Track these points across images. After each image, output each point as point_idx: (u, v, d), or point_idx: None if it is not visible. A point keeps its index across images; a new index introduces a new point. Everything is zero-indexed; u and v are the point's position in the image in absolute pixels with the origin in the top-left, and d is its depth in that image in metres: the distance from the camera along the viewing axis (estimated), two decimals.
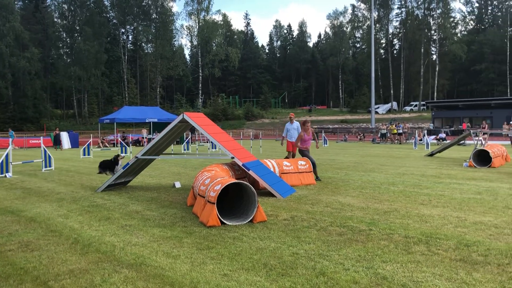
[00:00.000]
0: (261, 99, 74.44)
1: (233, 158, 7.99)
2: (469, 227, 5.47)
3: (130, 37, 70.69)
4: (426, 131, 33.08)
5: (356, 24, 77.28)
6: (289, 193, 8.11)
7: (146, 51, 69.84)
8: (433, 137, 31.87)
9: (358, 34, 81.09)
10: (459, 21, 74.56)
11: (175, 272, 3.94)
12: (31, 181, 11.01)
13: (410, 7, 69.47)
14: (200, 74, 67.79)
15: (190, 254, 4.48)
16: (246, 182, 6.16)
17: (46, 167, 13.65)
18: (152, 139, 15.75)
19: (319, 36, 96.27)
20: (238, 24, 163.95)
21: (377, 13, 70.42)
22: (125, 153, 20.14)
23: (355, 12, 75.91)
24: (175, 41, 74.73)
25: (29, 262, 4.30)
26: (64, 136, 29.65)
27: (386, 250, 4.54)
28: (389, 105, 68.32)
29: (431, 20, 68.85)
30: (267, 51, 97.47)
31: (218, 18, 79.15)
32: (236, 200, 6.61)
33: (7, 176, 11.88)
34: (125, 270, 4.03)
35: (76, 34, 60.71)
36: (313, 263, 4.14)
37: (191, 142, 28.57)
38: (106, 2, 66.94)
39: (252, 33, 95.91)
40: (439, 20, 67.21)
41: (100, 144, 29.61)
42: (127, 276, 3.87)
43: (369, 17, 67.50)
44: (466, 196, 7.82)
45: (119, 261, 4.28)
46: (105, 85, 62.08)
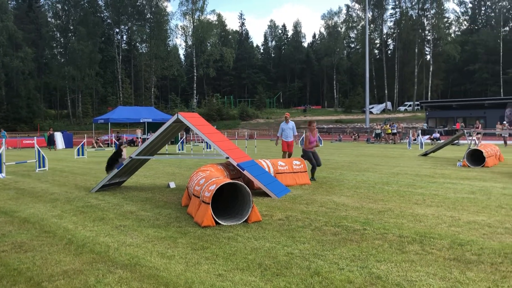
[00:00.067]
0: (255, 99, 74.37)
1: (227, 158, 7.98)
2: (462, 226, 5.51)
3: (125, 37, 70.50)
4: (420, 131, 33.24)
5: (350, 25, 77.46)
6: (283, 193, 8.12)
7: (141, 51, 69.63)
8: (427, 137, 32.02)
9: (352, 34, 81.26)
10: (453, 22, 75.00)
11: (170, 273, 3.93)
12: (24, 181, 10.94)
13: (404, 8, 69.73)
14: (195, 74, 67.69)
15: (184, 255, 4.47)
16: (241, 182, 6.16)
17: (40, 167, 13.57)
18: (147, 139, 15.70)
19: (314, 36, 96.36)
20: (232, 24, 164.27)
21: (371, 13, 70.63)
22: None
23: (350, 13, 76.12)
24: (170, 41, 74.64)
25: (22, 263, 4.27)
26: (58, 136, 29.52)
27: (380, 249, 4.55)
28: (384, 105, 68.50)
29: (425, 21, 69.12)
30: (261, 51, 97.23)
31: (213, 18, 79.37)
32: (231, 200, 6.61)
33: (0, 176, 11.80)
34: (119, 270, 4.02)
35: (70, 34, 60.41)
36: (307, 262, 4.15)
37: (186, 142, 28.49)
38: (100, 2, 66.69)
39: (247, 33, 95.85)
40: (433, 21, 67.51)
41: (95, 144, 29.48)
42: (122, 276, 3.86)
43: (363, 17, 67.70)
44: (460, 195, 7.86)
45: (114, 262, 4.27)
46: (99, 85, 61.76)
